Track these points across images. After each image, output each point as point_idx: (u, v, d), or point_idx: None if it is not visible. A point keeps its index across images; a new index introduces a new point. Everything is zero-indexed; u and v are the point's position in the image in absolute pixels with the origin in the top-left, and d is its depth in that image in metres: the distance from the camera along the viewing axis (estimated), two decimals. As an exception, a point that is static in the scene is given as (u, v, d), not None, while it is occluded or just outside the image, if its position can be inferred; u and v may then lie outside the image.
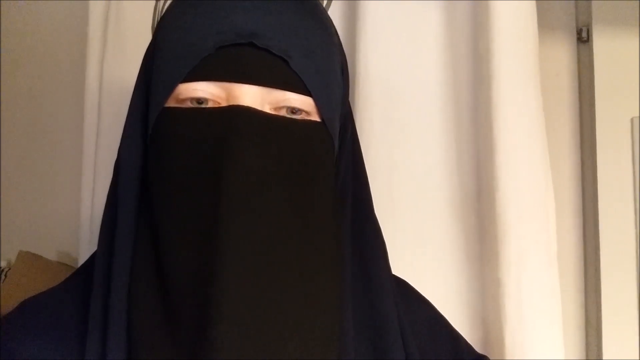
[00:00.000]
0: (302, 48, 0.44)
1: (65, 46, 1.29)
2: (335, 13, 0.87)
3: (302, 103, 0.45)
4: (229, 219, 0.40)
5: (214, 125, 0.43)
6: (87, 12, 1.00)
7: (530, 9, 0.78)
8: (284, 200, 0.43)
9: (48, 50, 1.33)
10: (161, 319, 0.42)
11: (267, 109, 0.44)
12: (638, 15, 0.93)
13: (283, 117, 0.44)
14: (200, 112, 0.44)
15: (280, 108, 0.44)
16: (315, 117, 0.46)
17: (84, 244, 0.97)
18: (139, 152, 0.48)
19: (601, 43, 0.95)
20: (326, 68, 0.47)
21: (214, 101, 0.44)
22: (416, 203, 0.82)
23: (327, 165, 0.47)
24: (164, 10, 0.50)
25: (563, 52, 0.98)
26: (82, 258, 0.98)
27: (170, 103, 0.45)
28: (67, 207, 1.21)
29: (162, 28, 0.48)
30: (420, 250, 0.81)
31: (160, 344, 0.41)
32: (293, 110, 0.44)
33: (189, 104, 0.44)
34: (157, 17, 0.94)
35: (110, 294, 0.44)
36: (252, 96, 0.43)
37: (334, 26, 0.50)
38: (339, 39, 0.51)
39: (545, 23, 0.89)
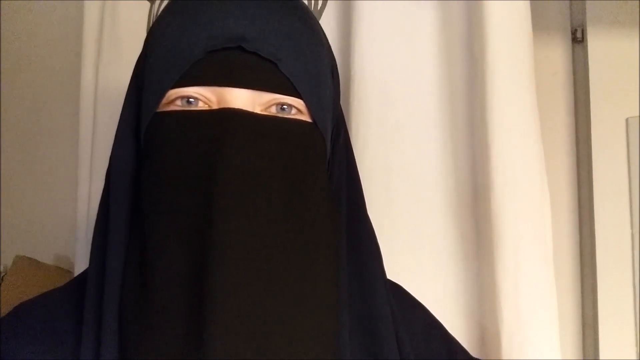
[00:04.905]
0: (291, 51, 0.44)
1: (60, 49, 1.29)
2: (330, 14, 0.87)
3: (293, 102, 0.45)
4: (222, 221, 0.40)
5: (205, 127, 0.43)
6: (82, 14, 1.00)
7: (525, 9, 0.78)
8: (279, 201, 0.43)
9: (43, 54, 1.33)
10: (154, 322, 0.42)
11: (258, 111, 0.44)
12: (635, 15, 0.94)
13: (274, 117, 0.44)
14: (192, 115, 0.44)
15: (270, 106, 0.44)
16: (307, 118, 0.46)
17: (81, 247, 0.97)
18: (131, 160, 0.48)
19: (596, 43, 0.95)
20: (316, 70, 0.47)
21: (203, 102, 0.44)
22: (413, 204, 0.82)
23: (320, 165, 0.48)
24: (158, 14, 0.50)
25: (558, 52, 0.98)
26: (80, 261, 0.98)
27: (162, 108, 0.45)
28: (64, 211, 1.20)
29: (153, 35, 0.48)
30: (417, 252, 0.81)
31: (153, 346, 0.41)
32: (283, 107, 0.45)
33: (178, 103, 0.44)
34: (152, 20, 0.94)
35: (102, 298, 0.44)
36: (242, 99, 0.43)
37: (322, 30, 0.51)
38: (328, 43, 0.51)
39: (539, 23, 0.89)
